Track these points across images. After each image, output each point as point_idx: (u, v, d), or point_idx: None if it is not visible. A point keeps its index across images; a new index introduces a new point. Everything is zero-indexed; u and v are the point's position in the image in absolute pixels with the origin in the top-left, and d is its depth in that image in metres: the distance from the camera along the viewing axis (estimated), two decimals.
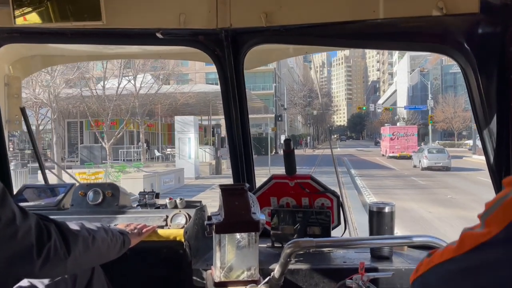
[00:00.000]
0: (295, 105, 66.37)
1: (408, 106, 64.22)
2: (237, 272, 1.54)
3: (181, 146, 22.56)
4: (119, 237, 1.62)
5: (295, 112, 68.49)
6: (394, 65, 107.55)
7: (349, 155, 38.21)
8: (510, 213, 0.67)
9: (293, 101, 65.25)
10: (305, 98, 66.95)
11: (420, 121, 65.37)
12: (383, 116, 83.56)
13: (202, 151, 26.00)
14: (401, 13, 1.79)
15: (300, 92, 68.38)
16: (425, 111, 59.49)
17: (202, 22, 1.94)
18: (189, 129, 22.61)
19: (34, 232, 1.21)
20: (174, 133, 23.37)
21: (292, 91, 66.32)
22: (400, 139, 38.90)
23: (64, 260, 1.29)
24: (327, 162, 22.99)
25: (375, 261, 1.85)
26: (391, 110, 69.86)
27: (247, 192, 1.57)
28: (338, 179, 2.96)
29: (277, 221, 2.03)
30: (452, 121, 58.89)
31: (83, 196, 2.14)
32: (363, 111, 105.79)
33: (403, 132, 39.62)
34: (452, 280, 0.75)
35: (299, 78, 76.18)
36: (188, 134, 22.35)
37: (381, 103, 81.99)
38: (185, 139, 22.35)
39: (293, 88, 68.59)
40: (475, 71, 1.77)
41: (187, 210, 2.00)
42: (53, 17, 1.88)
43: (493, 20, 1.73)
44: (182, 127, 22.84)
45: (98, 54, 2.87)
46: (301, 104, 67.36)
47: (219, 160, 23.57)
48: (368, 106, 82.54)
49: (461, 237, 0.75)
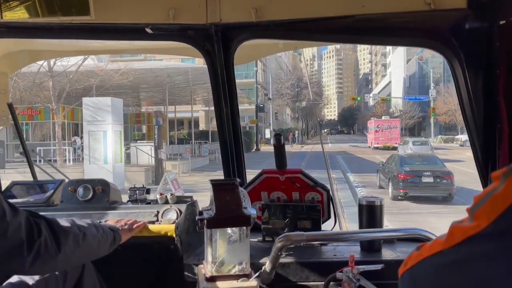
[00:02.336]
0: (282, 96, 60.49)
1: (408, 96, 59.99)
2: (228, 267, 1.55)
3: (93, 144, 15.45)
4: (110, 233, 1.63)
5: (282, 104, 63.17)
6: (388, 55, 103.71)
7: (342, 153, 33.98)
8: (499, 206, 0.67)
9: (279, 91, 59.62)
10: (293, 88, 61.26)
11: (419, 113, 62.76)
12: (377, 109, 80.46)
13: (141, 150, 19.24)
14: (390, 8, 1.81)
15: (287, 81, 61.76)
16: (424, 103, 56.95)
17: (192, 17, 1.93)
18: (105, 117, 15.46)
19: (24, 229, 1.21)
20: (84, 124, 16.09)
21: (278, 80, 60.17)
22: (384, 131, 42.27)
23: (54, 257, 1.29)
24: (317, 162, 16.23)
25: (365, 254, 1.88)
26: (388, 101, 65.76)
27: (238, 187, 1.58)
28: (328, 173, 2.98)
29: (268, 216, 2.04)
30: (456, 113, 48.32)
31: (73, 192, 2.12)
32: (357, 102, 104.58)
33: (386, 125, 43.04)
34: (441, 273, 0.75)
35: (287, 68, 67.23)
36: (103, 125, 15.45)
37: (367, 99, 78.29)
38: (98, 134, 15.45)
39: (280, 77, 61.53)
40: (462, 66, 1.79)
41: (178, 206, 2.01)
42: (40, 12, 1.85)
43: (480, 15, 1.75)
44: (93, 114, 15.60)
45: (86, 49, 2.84)
46: (289, 95, 61.46)
47: (159, 163, 16.53)
48: (363, 96, 78.95)
49: (450, 230, 0.76)
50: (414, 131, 70.07)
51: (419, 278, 0.81)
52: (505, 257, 0.67)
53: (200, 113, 47.28)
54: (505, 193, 0.68)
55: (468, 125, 1.87)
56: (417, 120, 64.63)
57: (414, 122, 65.82)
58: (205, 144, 30.49)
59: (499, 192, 0.69)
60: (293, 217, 2.02)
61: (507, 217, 0.67)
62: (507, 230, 0.67)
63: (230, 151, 2.25)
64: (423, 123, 67.90)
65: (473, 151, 1.88)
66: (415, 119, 64.24)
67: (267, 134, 49.50)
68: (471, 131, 1.86)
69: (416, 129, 71.58)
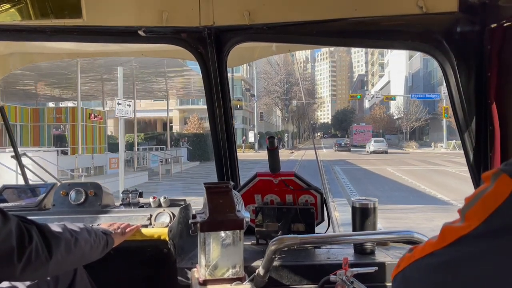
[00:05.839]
0: (269, 93, 54.41)
1: (415, 94, 53.40)
2: (222, 270, 1.54)
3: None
4: (102, 237, 1.61)
5: (270, 103, 56.71)
6: (385, 54, 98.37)
7: (341, 162, 29.40)
8: (490, 206, 0.68)
9: (267, 88, 54.20)
10: (282, 84, 55.48)
11: (427, 115, 59.19)
12: (375, 111, 78.48)
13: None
14: (382, 12, 1.82)
15: (276, 76, 55.12)
16: (431, 103, 55.12)
17: (185, 20, 1.93)
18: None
19: (15, 236, 1.19)
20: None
21: (266, 75, 54.36)
22: (360, 134, 63.28)
23: (45, 263, 1.27)
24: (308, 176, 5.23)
25: (358, 256, 1.88)
26: (393, 99, 60.93)
27: (231, 191, 1.58)
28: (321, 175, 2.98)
29: (262, 218, 2.04)
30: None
31: (65, 196, 2.11)
32: (351, 105, 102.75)
33: (363, 129, 64.92)
34: (433, 273, 0.75)
35: (276, 61, 57.19)
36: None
37: (370, 98, 72.66)
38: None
39: (267, 71, 54.70)
40: (454, 69, 1.81)
41: (171, 209, 2.00)
42: (32, 14, 1.84)
43: (471, 19, 1.77)
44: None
45: (78, 52, 2.83)
46: (278, 92, 55.28)
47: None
48: (364, 93, 73.39)
49: (442, 231, 0.76)
50: (415, 136, 65.67)
51: (411, 280, 0.81)
52: (496, 256, 0.67)
53: (174, 113, 44.04)
54: (496, 192, 0.68)
55: (460, 128, 1.88)
56: (424, 122, 61.23)
57: (420, 125, 62.19)
58: (154, 152, 25.87)
59: (489, 192, 0.69)
60: (287, 220, 2.02)
61: (498, 216, 0.67)
62: (498, 230, 0.67)
63: (224, 154, 2.25)
64: (426, 127, 63.96)
65: (465, 153, 1.90)
66: (421, 121, 60.97)
67: (251, 137, 45.53)
68: (463, 133, 1.87)
69: (417, 133, 66.83)
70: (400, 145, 58.55)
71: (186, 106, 46.02)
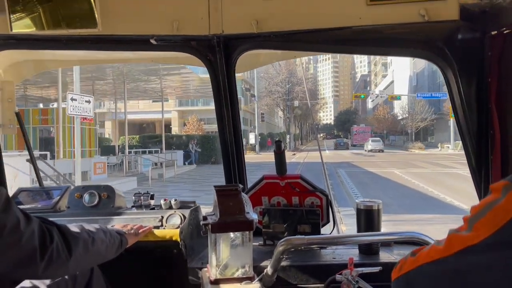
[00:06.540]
0: (270, 93, 53.33)
1: (422, 94, 52.04)
2: (232, 270, 1.60)
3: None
4: (117, 237, 1.68)
5: (272, 103, 55.43)
6: None
7: (346, 165, 28.20)
8: (501, 219, 0.69)
9: (268, 88, 53.07)
10: (283, 84, 53.80)
11: (432, 115, 56.61)
12: (379, 111, 76.89)
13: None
14: (386, 20, 1.87)
15: (277, 76, 53.40)
16: (436, 103, 53.23)
17: (195, 29, 1.99)
18: None
19: (37, 236, 1.25)
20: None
21: (267, 75, 52.88)
22: (360, 134, 68.52)
23: (66, 262, 1.34)
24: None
25: (363, 256, 1.93)
26: (398, 98, 58.12)
27: (240, 193, 1.63)
28: (325, 177, 3.04)
29: (269, 220, 2.09)
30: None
31: (79, 198, 2.18)
32: (354, 105, 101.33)
33: (362, 130, 70.77)
34: (439, 281, 0.76)
35: (280, 66, 55.09)
36: None
37: (375, 97, 71.50)
38: None
39: (269, 71, 52.48)
40: (455, 75, 1.86)
41: (181, 211, 2.06)
42: (45, 25, 1.89)
43: (472, 26, 1.82)
44: None
45: (91, 59, 2.90)
46: (279, 92, 53.88)
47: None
48: (368, 92, 73.61)
49: (448, 238, 0.76)
50: (420, 136, 63.22)
51: (415, 284, 0.83)
52: (505, 267, 0.69)
53: (173, 114, 43.17)
54: (507, 206, 0.70)
55: (462, 131, 1.94)
56: (430, 122, 58.66)
57: (425, 125, 59.74)
58: (147, 155, 24.55)
59: (500, 205, 0.71)
60: (293, 221, 2.06)
61: (509, 229, 0.69)
62: (508, 242, 0.69)
63: (232, 157, 2.31)
64: (431, 128, 61.92)
65: (466, 156, 1.95)
66: (427, 122, 58.41)
67: (251, 139, 43.90)
68: (465, 137, 1.93)
69: (422, 134, 64.27)
70: (405, 147, 56.56)
71: (186, 107, 45.49)
